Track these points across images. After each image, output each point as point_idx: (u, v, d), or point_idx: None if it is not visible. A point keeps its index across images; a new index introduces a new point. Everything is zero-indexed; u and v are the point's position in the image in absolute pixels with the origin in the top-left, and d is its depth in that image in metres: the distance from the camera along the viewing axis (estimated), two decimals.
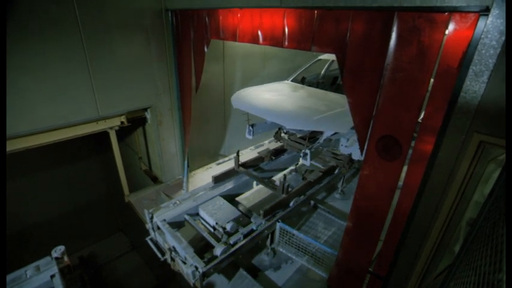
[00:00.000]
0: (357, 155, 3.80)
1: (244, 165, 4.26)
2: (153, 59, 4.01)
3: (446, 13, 1.53)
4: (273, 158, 4.64)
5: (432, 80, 1.70)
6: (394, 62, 1.73)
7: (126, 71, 3.79)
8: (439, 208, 1.81)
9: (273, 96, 3.68)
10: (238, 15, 2.74)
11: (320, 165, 4.34)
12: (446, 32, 1.55)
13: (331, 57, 4.99)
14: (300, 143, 4.10)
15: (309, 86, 4.54)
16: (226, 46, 4.87)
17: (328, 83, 5.68)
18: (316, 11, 2.05)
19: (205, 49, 3.34)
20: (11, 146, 3.25)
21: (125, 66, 3.75)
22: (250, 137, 3.88)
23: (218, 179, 4.10)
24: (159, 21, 3.85)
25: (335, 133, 3.57)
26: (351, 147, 3.89)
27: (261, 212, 3.11)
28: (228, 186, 4.17)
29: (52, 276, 2.67)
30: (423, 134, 1.77)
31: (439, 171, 1.74)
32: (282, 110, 3.28)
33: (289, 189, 3.55)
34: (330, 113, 3.21)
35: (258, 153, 4.60)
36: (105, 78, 3.63)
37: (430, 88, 1.71)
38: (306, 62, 5.04)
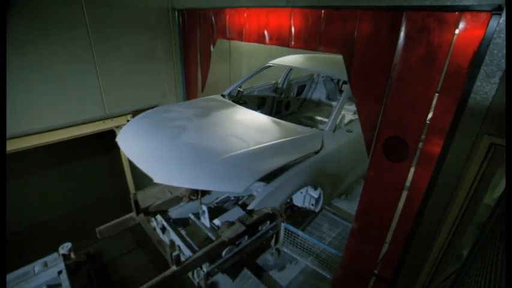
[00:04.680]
0: (299, 201, 2.81)
1: (147, 210, 3.18)
2: (160, 59, 4.04)
3: (456, 12, 1.50)
4: (193, 197, 3.47)
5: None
6: (402, 62, 1.70)
7: (133, 70, 3.84)
8: (448, 211, 1.78)
9: (164, 129, 2.58)
10: (245, 14, 2.74)
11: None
12: (457, 31, 1.52)
13: (289, 62, 3.69)
14: None
15: (256, 102, 3.67)
16: (232, 45, 4.88)
17: (291, 95, 4.58)
18: (323, 11, 2.04)
19: (212, 48, 3.35)
20: (20, 144, 3.33)
21: (131, 65, 3.80)
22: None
23: (104, 233, 3.06)
24: (166, 21, 3.89)
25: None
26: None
27: None
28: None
29: (59, 273, 2.71)
30: (431, 135, 1.74)
31: (448, 174, 1.71)
32: (155, 154, 2.28)
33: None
34: (222, 159, 2.11)
35: (170, 192, 3.47)
36: (112, 77, 3.68)
37: (439, 88, 1.68)
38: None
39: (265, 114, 3.05)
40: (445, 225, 1.80)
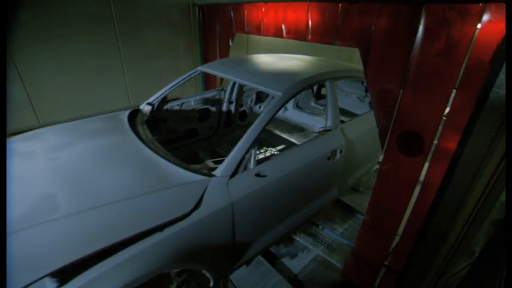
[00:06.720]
0: None
1: None
2: (181, 53, 4.20)
3: (480, 4, 1.46)
4: None
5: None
6: (420, 56, 1.68)
7: (155, 64, 4.04)
8: (462, 207, 1.76)
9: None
10: (263, 9, 2.78)
11: None
12: (479, 24, 1.48)
13: (220, 68, 2.78)
14: None
15: (195, 115, 3.04)
16: (250, 39, 4.93)
17: (248, 103, 3.67)
18: (340, 5, 2.04)
19: (230, 43, 3.43)
20: None
21: (154, 60, 4.00)
22: None
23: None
24: (187, 17, 4.02)
25: None
26: None
27: None
28: None
29: None
30: (448, 130, 1.72)
31: (464, 170, 1.69)
32: None
33: None
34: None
35: None
36: (136, 72, 3.91)
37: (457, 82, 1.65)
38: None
39: (211, 127, 2.72)
40: (459, 221, 1.80)
